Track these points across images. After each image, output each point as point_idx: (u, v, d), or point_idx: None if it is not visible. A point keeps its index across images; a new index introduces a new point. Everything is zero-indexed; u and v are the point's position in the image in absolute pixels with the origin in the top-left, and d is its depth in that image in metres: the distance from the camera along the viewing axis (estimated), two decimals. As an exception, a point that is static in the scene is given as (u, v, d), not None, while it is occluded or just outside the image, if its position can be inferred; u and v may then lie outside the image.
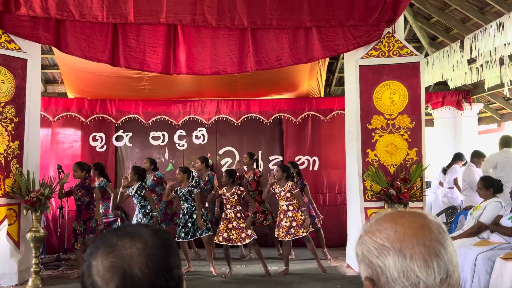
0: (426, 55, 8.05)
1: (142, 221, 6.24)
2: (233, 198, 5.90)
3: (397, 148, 5.92)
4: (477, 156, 7.23)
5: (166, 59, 5.98)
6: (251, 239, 5.87)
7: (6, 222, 5.49)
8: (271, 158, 8.06)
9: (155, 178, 6.98)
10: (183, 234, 6.03)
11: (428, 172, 6.37)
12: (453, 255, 0.92)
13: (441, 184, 8.13)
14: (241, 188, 6.03)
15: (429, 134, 7.66)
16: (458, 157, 7.85)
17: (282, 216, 5.91)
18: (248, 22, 5.85)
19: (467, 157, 7.64)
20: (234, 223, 5.89)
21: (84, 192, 5.97)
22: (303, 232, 5.77)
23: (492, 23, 5.64)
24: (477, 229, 5.02)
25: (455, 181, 7.79)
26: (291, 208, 5.85)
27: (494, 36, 5.49)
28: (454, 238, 4.98)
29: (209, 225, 6.18)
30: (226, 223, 5.93)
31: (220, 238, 5.91)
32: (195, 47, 6.00)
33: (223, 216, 6.04)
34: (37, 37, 5.75)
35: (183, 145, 8.06)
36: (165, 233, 0.96)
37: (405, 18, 7.36)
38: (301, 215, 5.82)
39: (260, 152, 8.04)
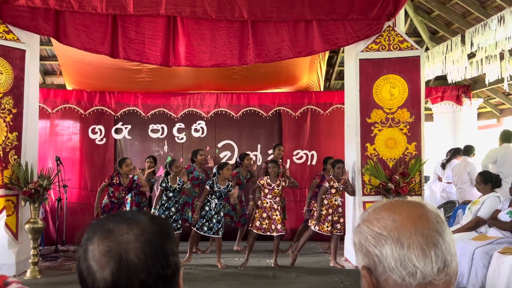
0: (427, 49, 8.03)
1: (175, 216, 6.24)
2: (278, 189, 5.92)
3: (396, 142, 5.91)
4: (471, 151, 7.32)
5: (165, 51, 5.95)
6: (280, 233, 5.89)
7: (4, 213, 5.49)
8: (269, 152, 8.04)
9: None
10: (205, 228, 5.98)
11: (424, 167, 6.38)
12: (451, 244, 0.92)
13: (440, 179, 8.14)
14: (284, 179, 6.06)
15: (428, 129, 7.66)
16: (457, 152, 7.85)
17: (332, 210, 5.91)
18: (248, 14, 5.82)
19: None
20: (269, 213, 5.89)
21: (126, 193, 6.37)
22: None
23: (493, 17, 5.62)
24: (475, 224, 5.03)
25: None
26: (341, 204, 6.00)
27: (495, 30, 5.47)
28: (452, 232, 4.98)
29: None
30: (261, 212, 5.91)
31: (254, 226, 5.93)
32: (194, 39, 5.98)
33: (259, 204, 5.97)
34: (36, 28, 5.72)
35: (182, 138, 8.05)
36: (163, 220, 0.96)
37: (406, 12, 7.34)
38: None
39: (259, 146, 8.04)
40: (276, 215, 5.88)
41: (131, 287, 0.84)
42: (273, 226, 5.86)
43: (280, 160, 6.98)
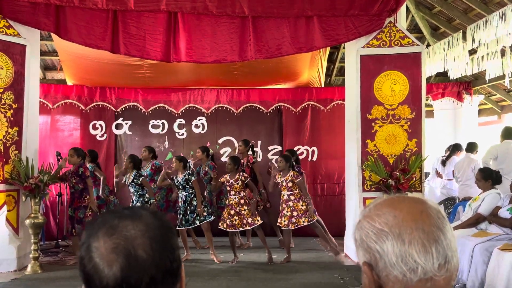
0: (428, 45, 8.01)
1: None
2: (237, 184, 5.94)
3: (396, 138, 5.91)
4: (474, 148, 7.31)
5: (166, 46, 5.95)
6: (253, 226, 5.92)
7: (5, 208, 5.51)
8: (270, 148, 8.05)
9: (153, 167, 6.92)
10: (184, 222, 6.07)
11: (425, 163, 6.38)
12: (452, 240, 0.92)
13: (440, 175, 8.14)
14: (245, 174, 6.08)
15: (429, 125, 7.66)
16: (457, 148, 7.84)
17: (284, 205, 5.96)
18: (249, 10, 5.81)
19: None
20: (237, 209, 5.93)
21: (78, 179, 5.97)
22: (303, 221, 5.82)
23: (494, 13, 5.59)
24: (475, 220, 5.03)
25: (454, 173, 7.80)
26: (292, 197, 5.89)
27: (497, 26, 5.45)
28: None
29: (210, 209, 6.22)
30: (229, 210, 5.99)
31: (225, 225, 5.98)
32: (195, 35, 5.97)
33: (227, 202, 6.09)
34: (36, 23, 5.72)
35: (182, 134, 8.05)
36: (163, 215, 0.96)
37: (407, 8, 7.32)
38: (302, 205, 5.87)
39: (259, 142, 8.04)
40: (244, 210, 5.92)
41: (140, 283, 0.84)
42: (244, 221, 5.91)
43: (251, 155, 6.98)
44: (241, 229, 6.05)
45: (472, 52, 6.81)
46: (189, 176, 6.09)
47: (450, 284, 0.90)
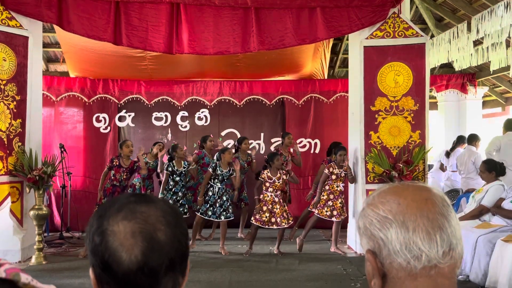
0: (432, 36, 7.95)
1: (182, 201, 6.36)
2: (279, 182, 5.90)
3: (400, 130, 5.89)
4: (475, 139, 7.29)
5: (168, 38, 5.93)
6: (280, 227, 5.89)
7: (9, 199, 5.53)
8: (272, 140, 8.04)
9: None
10: (210, 213, 6.07)
11: (428, 155, 6.37)
12: (456, 228, 0.91)
13: (444, 167, 8.12)
14: (284, 171, 6.00)
15: (432, 117, 7.62)
16: (461, 140, 7.82)
17: (333, 196, 5.96)
18: (251, 1, 5.79)
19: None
20: (270, 206, 5.87)
21: (128, 175, 6.23)
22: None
23: (499, 3, 5.53)
24: (479, 212, 5.03)
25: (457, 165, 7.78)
26: (343, 189, 6.08)
27: (502, 16, 5.40)
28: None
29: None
30: (262, 205, 5.89)
31: (253, 219, 5.92)
32: (198, 27, 5.94)
33: (261, 197, 5.94)
34: (39, 14, 5.70)
35: (185, 126, 8.05)
36: (170, 203, 0.98)
37: (411, -1, 7.25)
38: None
39: (262, 134, 8.03)
40: (277, 208, 5.87)
41: (161, 266, 0.85)
42: (273, 220, 5.87)
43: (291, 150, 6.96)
44: (267, 226, 5.94)
45: (477, 43, 6.76)
46: (233, 172, 6.13)
47: (454, 272, 0.90)
